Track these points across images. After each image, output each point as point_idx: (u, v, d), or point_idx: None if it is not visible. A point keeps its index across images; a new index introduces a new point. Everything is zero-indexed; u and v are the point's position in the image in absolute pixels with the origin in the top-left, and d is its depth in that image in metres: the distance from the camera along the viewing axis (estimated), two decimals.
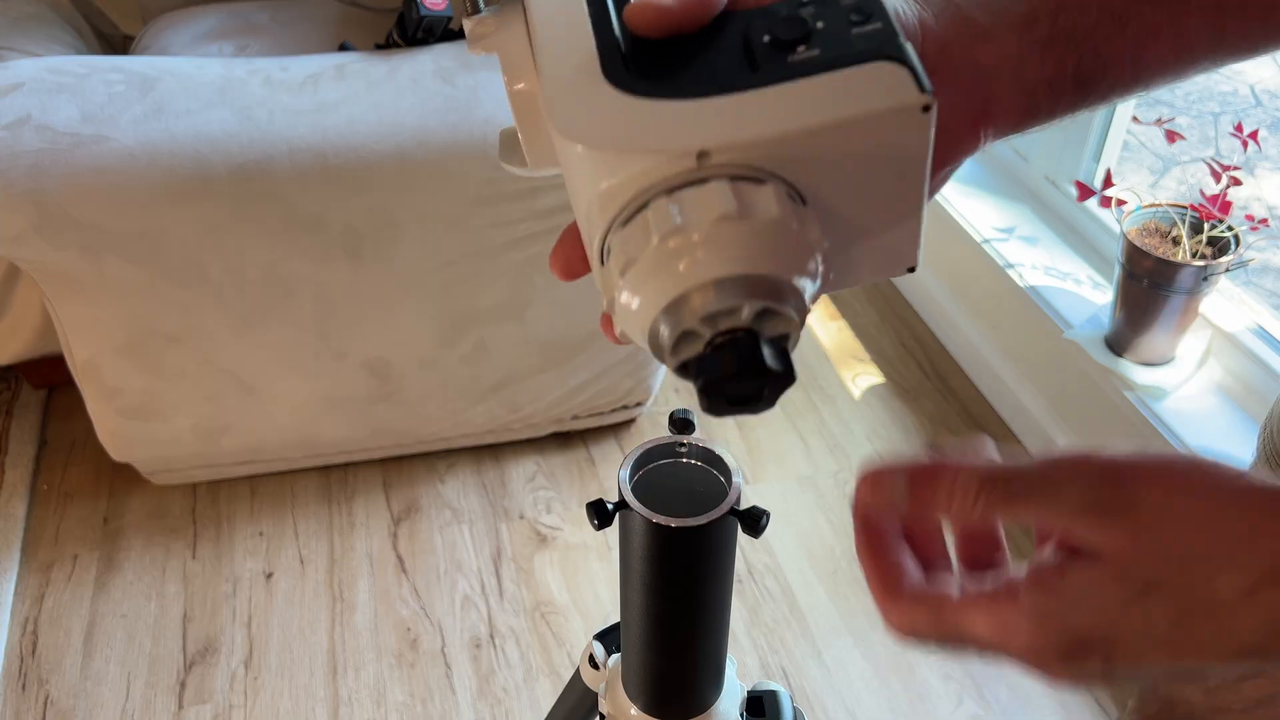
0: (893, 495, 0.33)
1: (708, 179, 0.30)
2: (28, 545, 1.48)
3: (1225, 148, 2.44)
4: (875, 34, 0.32)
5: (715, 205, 0.30)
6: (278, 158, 1.20)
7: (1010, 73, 0.37)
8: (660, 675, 0.52)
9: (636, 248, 0.31)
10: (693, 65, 0.32)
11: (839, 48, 0.31)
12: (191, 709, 1.28)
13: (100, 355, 1.33)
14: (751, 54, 0.32)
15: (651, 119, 0.31)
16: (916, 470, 0.33)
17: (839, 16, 0.32)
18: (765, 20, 0.32)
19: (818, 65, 0.31)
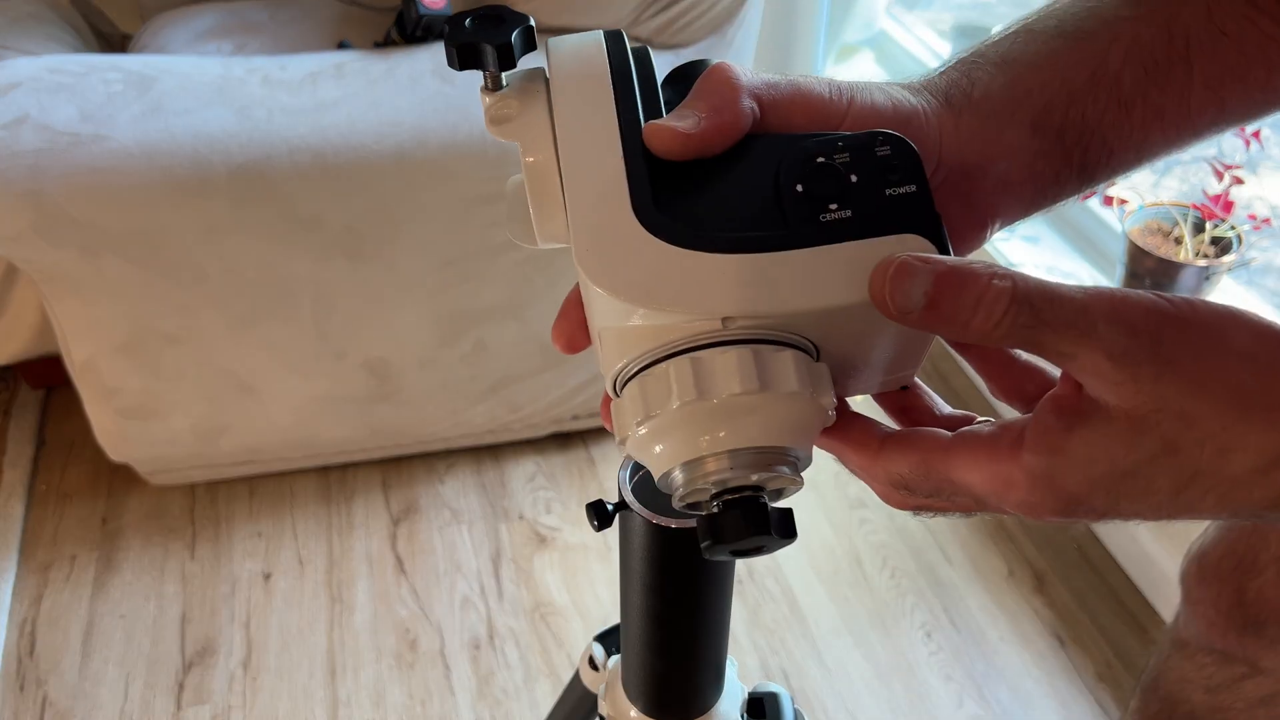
0: (911, 295, 0.29)
1: (731, 343, 0.31)
2: (26, 546, 1.48)
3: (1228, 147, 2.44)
4: (908, 200, 0.31)
5: (737, 378, 0.31)
6: (277, 157, 1.20)
7: (1022, 170, 0.37)
8: (660, 677, 0.52)
9: (657, 403, 0.31)
10: (722, 204, 0.32)
11: (871, 212, 0.31)
12: (190, 710, 1.28)
13: (99, 355, 1.32)
14: (782, 204, 0.32)
15: (680, 275, 0.31)
16: (944, 270, 0.29)
17: (875, 172, 0.32)
18: (799, 163, 0.32)
19: (848, 230, 0.31)
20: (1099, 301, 0.28)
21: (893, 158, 0.32)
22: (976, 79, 0.37)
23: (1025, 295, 0.28)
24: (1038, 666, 1.33)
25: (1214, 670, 0.75)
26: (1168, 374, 0.28)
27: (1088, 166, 0.38)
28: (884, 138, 0.32)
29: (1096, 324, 0.28)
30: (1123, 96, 0.37)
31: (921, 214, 0.31)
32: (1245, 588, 0.70)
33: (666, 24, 1.34)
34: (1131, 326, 0.28)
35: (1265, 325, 0.29)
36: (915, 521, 1.52)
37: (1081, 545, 1.48)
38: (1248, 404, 0.27)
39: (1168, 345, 0.28)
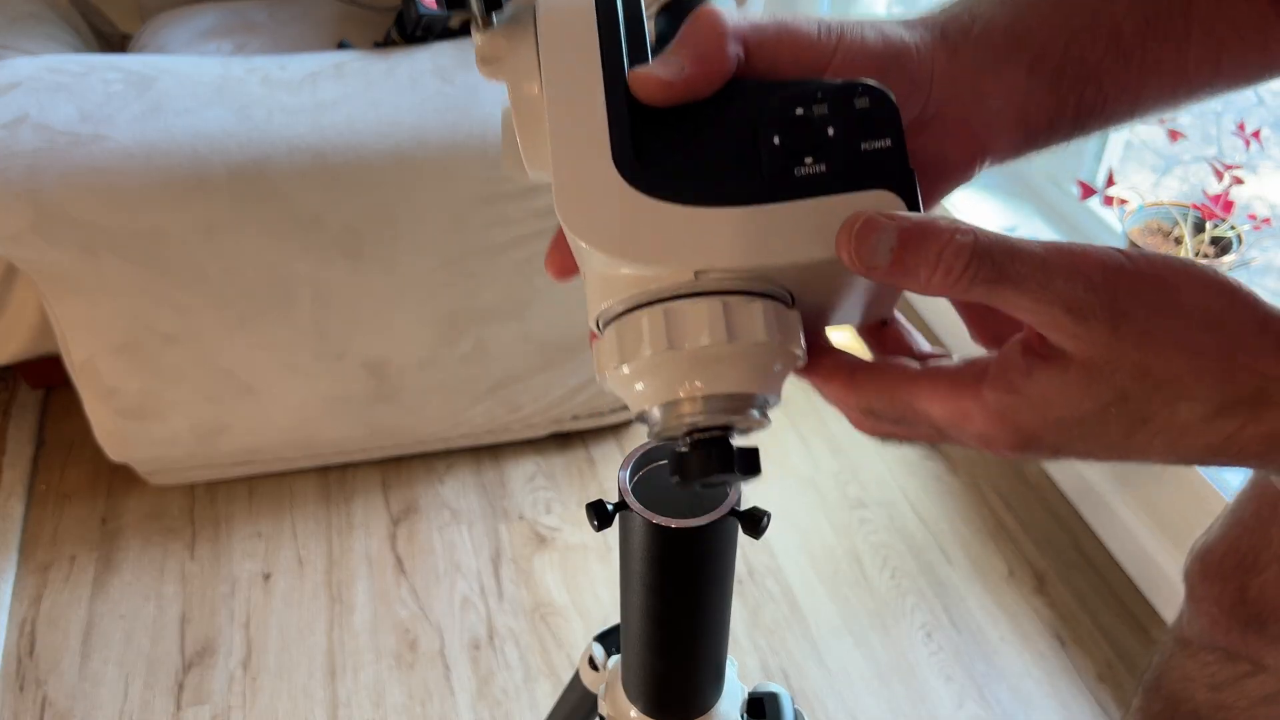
0: (876, 251, 0.30)
1: (702, 293, 0.32)
2: (25, 546, 1.48)
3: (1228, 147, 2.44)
4: (883, 154, 0.32)
5: (706, 330, 0.32)
6: (276, 157, 1.20)
7: (1015, 110, 0.37)
8: (660, 677, 0.52)
9: (631, 350, 0.33)
10: (701, 153, 0.33)
11: (845, 166, 0.32)
12: (190, 710, 1.28)
13: (98, 355, 1.32)
14: (759, 154, 0.32)
15: (657, 227, 0.32)
16: (908, 226, 0.30)
17: (852, 125, 0.32)
18: (777, 114, 0.32)
19: (822, 185, 0.32)
20: (1058, 256, 0.29)
21: (871, 109, 0.32)
22: (978, 14, 0.36)
23: (986, 250, 0.29)
24: (1038, 667, 1.33)
25: (1217, 668, 0.75)
26: (1123, 326, 0.29)
27: (1082, 113, 0.38)
28: (863, 89, 0.32)
29: (1055, 278, 0.29)
30: (1122, 45, 0.37)
31: (895, 169, 0.32)
32: (1248, 585, 0.70)
33: None
34: (1089, 280, 0.29)
35: (1217, 280, 0.30)
36: (916, 522, 1.52)
37: (1082, 545, 1.48)
38: (1197, 356, 0.29)
39: (1123, 299, 0.29)
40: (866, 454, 1.63)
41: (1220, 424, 0.29)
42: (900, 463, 1.62)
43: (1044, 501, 1.55)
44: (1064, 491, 1.56)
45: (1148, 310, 0.29)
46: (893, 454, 1.63)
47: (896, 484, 1.59)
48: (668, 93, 0.33)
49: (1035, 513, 1.54)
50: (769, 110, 0.32)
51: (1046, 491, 1.57)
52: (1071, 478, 1.54)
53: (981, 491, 1.57)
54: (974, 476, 1.59)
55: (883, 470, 1.61)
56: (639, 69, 0.33)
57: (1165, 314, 0.29)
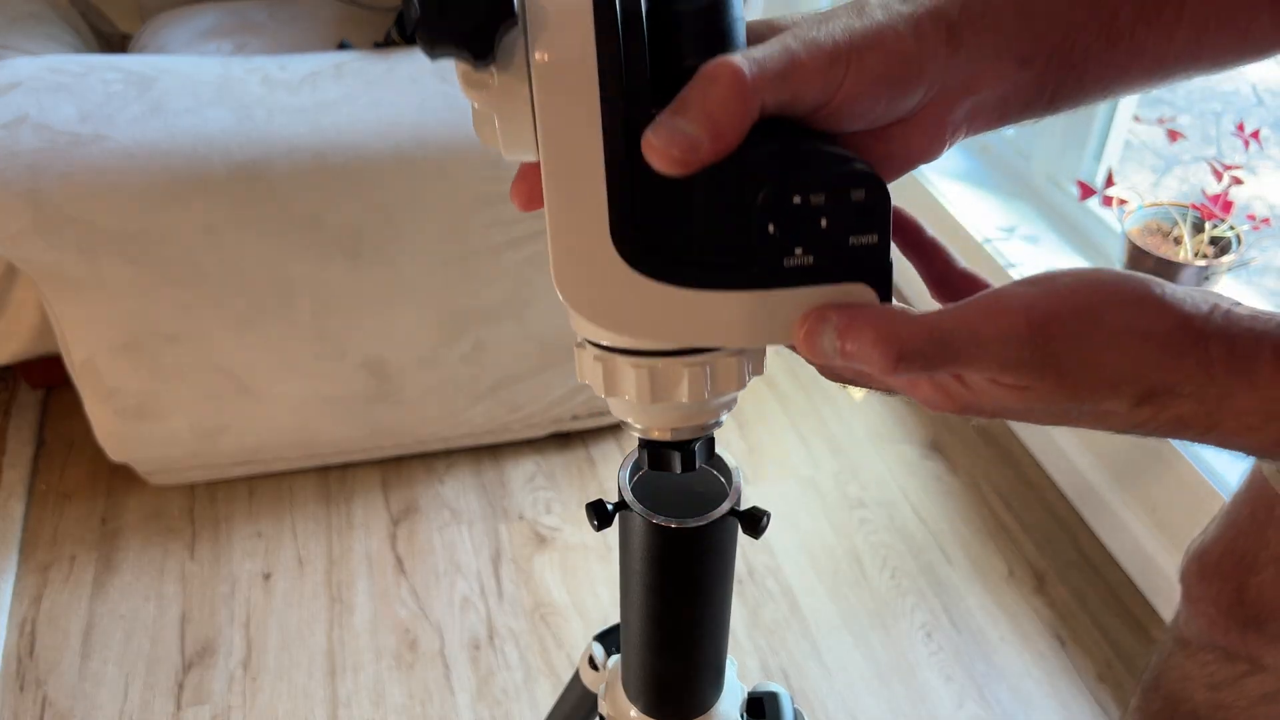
0: (824, 348, 0.34)
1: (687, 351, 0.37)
2: (25, 546, 1.48)
3: (1227, 147, 2.44)
4: (868, 249, 0.34)
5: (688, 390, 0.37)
6: (276, 157, 1.20)
7: (997, 99, 0.38)
8: (660, 676, 0.52)
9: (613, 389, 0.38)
10: (697, 230, 0.34)
11: (831, 259, 0.34)
12: (190, 710, 1.28)
13: (98, 355, 1.32)
14: (753, 239, 0.33)
15: (652, 305, 0.34)
16: (843, 326, 0.34)
17: (846, 217, 0.33)
18: (776, 202, 0.33)
19: (806, 277, 0.34)
20: (985, 323, 0.32)
21: (866, 202, 0.33)
22: (992, 4, 0.36)
23: (916, 350, 0.33)
24: (1038, 666, 1.33)
25: (1216, 668, 0.75)
26: (1061, 366, 0.32)
27: (1057, 98, 0.39)
28: (861, 179, 0.33)
29: (989, 346, 0.32)
30: (1113, 31, 0.37)
31: (876, 265, 0.34)
32: (1246, 585, 0.70)
33: None
34: (1019, 338, 0.32)
35: (1137, 292, 0.33)
36: (916, 522, 1.52)
37: (1082, 545, 1.48)
38: (1120, 369, 0.32)
39: (1055, 344, 0.32)
40: (866, 454, 1.63)
41: (1139, 412, 0.33)
42: (900, 463, 1.62)
43: (1044, 501, 1.56)
44: (1064, 491, 1.56)
45: (1079, 344, 0.32)
46: (893, 454, 1.63)
47: (896, 484, 1.59)
48: (682, 169, 0.32)
49: (1035, 513, 1.54)
50: (769, 195, 0.33)
51: (1046, 491, 1.57)
52: (1071, 478, 1.54)
53: (981, 491, 1.57)
54: (974, 476, 1.60)
55: (883, 470, 1.61)
56: (652, 137, 0.32)
57: (1096, 345, 0.32)
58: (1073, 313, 0.32)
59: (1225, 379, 0.32)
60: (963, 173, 1.81)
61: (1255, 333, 0.32)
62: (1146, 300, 0.32)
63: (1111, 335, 0.32)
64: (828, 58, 0.34)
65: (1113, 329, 0.32)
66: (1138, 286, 0.33)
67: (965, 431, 1.67)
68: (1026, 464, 1.61)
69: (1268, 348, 0.32)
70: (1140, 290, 0.33)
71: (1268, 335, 0.32)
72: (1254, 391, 0.32)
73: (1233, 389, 0.32)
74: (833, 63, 0.34)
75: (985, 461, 1.62)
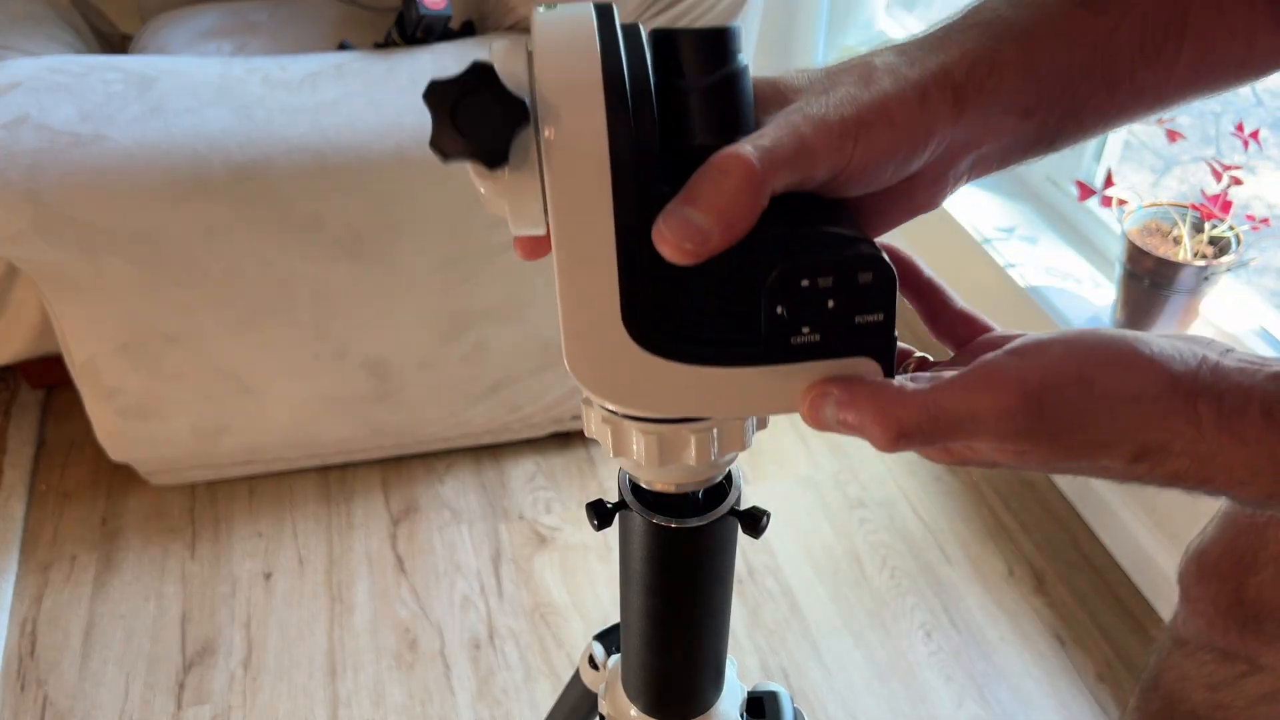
0: (825, 418, 0.35)
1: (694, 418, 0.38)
2: (26, 545, 1.48)
3: (1226, 147, 2.44)
4: (873, 327, 0.34)
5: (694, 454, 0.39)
6: (276, 157, 1.20)
7: (999, 150, 0.38)
8: (660, 676, 0.52)
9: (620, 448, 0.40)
10: (706, 310, 0.34)
11: (837, 336, 0.34)
12: (190, 710, 1.28)
13: (99, 355, 1.32)
14: (761, 319, 0.34)
15: (661, 381, 0.35)
16: (844, 400, 0.35)
17: (852, 297, 0.34)
18: (784, 285, 0.33)
19: (812, 353, 0.35)
20: (981, 397, 0.33)
21: (873, 283, 0.34)
22: (998, 64, 0.36)
23: (914, 427, 0.34)
24: (1038, 666, 1.33)
25: (1214, 668, 0.75)
26: (1057, 431, 0.33)
27: (1059, 140, 0.39)
28: (868, 263, 0.34)
29: (986, 420, 0.33)
30: (1114, 76, 0.38)
31: (881, 340, 0.35)
32: (1245, 585, 0.71)
33: (667, 24, 1.33)
34: (1014, 410, 0.33)
35: (1128, 354, 0.33)
36: (915, 521, 1.53)
37: (1081, 545, 1.49)
38: (1115, 429, 0.33)
39: (1049, 413, 0.33)
40: (866, 454, 1.63)
41: (1134, 468, 0.34)
42: (900, 463, 1.62)
43: (1043, 501, 1.56)
44: (1063, 491, 1.56)
45: (1072, 412, 0.33)
46: (893, 454, 1.63)
47: (896, 484, 1.59)
48: (693, 260, 0.33)
49: (1035, 513, 1.54)
50: (777, 279, 0.33)
51: (1046, 491, 1.57)
52: (1071, 478, 1.54)
53: (981, 491, 1.57)
54: (974, 476, 1.60)
55: (883, 470, 1.61)
56: (664, 228, 0.32)
57: (1088, 412, 0.33)
58: (1065, 382, 0.33)
59: (1214, 436, 0.33)
60: None
61: (1243, 388, 0.33)
62: (1135, 362, 0.33)
63: (1103, 401, 0.33)
64: (837, 138, 0.34)
65: (1104, 395, 0.33)
66: (1126, 349, 0.33)
67: None
68: None
69: (1255, 404, 0.32)
70: (1128, 352, 0.33)
71: (1255, 391, 0.33)
72: (1242, 448, 0.32)
73: (1221, 446, 0.33)
74: (841, 142, 0.34)
75: None
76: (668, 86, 0.34)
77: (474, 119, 0.32)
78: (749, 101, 0.35)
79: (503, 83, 0.32)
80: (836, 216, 0.35)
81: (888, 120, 0.35)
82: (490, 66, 0.32)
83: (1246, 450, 0.32)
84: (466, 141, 0.32)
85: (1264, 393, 0.33)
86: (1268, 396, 0.32)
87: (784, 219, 0.34)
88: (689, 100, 0.34)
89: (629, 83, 0.32)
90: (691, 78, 0.34)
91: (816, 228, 0.34)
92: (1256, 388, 0.33)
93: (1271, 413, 0.32)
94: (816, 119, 0.34)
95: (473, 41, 1.35)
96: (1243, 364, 0.33)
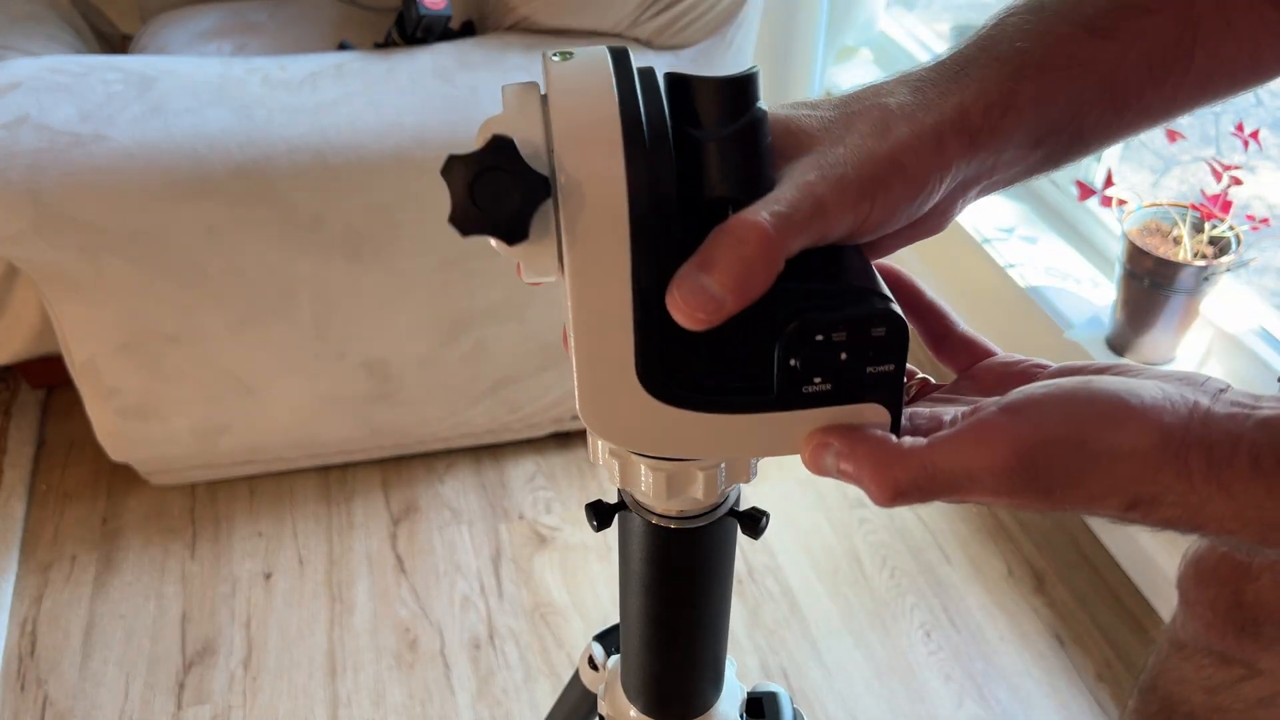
0: (826, 466, 0.36)
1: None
2: (26, 545, 1.48)
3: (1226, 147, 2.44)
4: (884, 377, 0.35)
5: (702, 490, 0.40)
6: (276, 157, 1.20)
7: (1006, 177, 0.39)
8: (660, 677, 0.52)
9: (630, 481, 0.40)
10: (721, 363, 0.35)
11: (848, 385, 0.35)
12: (190, 710, 1.28)
13: (99, 355, 1.32)
14: (774, 371, 0.34)
15: (673, 428, 0.35)
16: (844, 453, 0.35)
17: (864, 349, 0.34)
18: (798, 340, 0.34)
19: (823, 400, 0.35)
20: (976, 455, 0.34)
21: (886, 338, 0.34)
22: (1013, 104, 0.36)
23: (911, 484, 0.34)
24: (1037, 666, 1.33)
25: (1212, 671, 0.75)
26: (1053, 490, 0.34)
27: (1061, 163, 0.39)
28: (882, 317, 0.34)
29: (981, 478, 0.34)
30: (1123, 100, 0.38)
31: (890, 388, 0.35)
32: (1243, 590, 0.71)
33: (666, 24, 1.34)
34: (1008, 468, 0.33)
35: (1121, 410, 0.33)
36: (915, 521, 1.53)
37: (1081, 545, 1.49)
38: (1107, 483, 0.33)
39: (1042, 471, 0.33)
40: None
41: (1127, 516, 0.35)
42: None
43: None
44: None
45: (1065, 469, 0.33)
46: None
47: None
48: (706, 326, 0.33)
49: (1035, 513, 1.54)
50: (791, 334, 0.34)
51: None
52: None
53: None
54: None
55: None
56: (678, 294, 0.33)
57: (1081, 469, 0.33)
58: (1058, 441, 0.33)
59: (1204, 487, 0.33)
60: None
61: (1232, 436, 0.33)
62: (1127, 416, 0.33)
63: (1095, 459, 0.33)
64: (854, 199, 0.34)
65: (1096, 453, 0.33)
66: (1118, 403, 0.34)
67: None
68: None
69: (1243, 454, 0.33)
70: (1120, 406, 0.34)
71: (1244, 440, 0.33)
72: (1230, 500, 0.33)
73: (1211, 496, 0.33)
74: (859, 202, 0.34)
75: None
76: (683, 134, 0.33)
77: (494, 197, 0.31)
78: (768, 150, 0.34)
79: (523, 158, 0.31)
80: (847, 260, 0.36)
81: (904, 175, 0.35)
82: (510, 143, 0.31)
83: (1233, 503, 0.33)
84: (487, 220, 0.32)
85: (1252, 442, 0.33)
86: (1255, 445, 0.33)
87: (797, 269, 0.34)
88: (706, 150, 0.33)
89: (649, 142, 0.32)
90: (709, 128, 0.33)
91: (831, 280, 0.35)
92: (1245, 436, 0.33)
93: (1259, 462, 0.32)
94: (833, 180, 0.34)
95: (472, 42, 1.35)
96: (1234, 409, 0.34)
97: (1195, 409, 0.33)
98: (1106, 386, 0.34)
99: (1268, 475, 0.32)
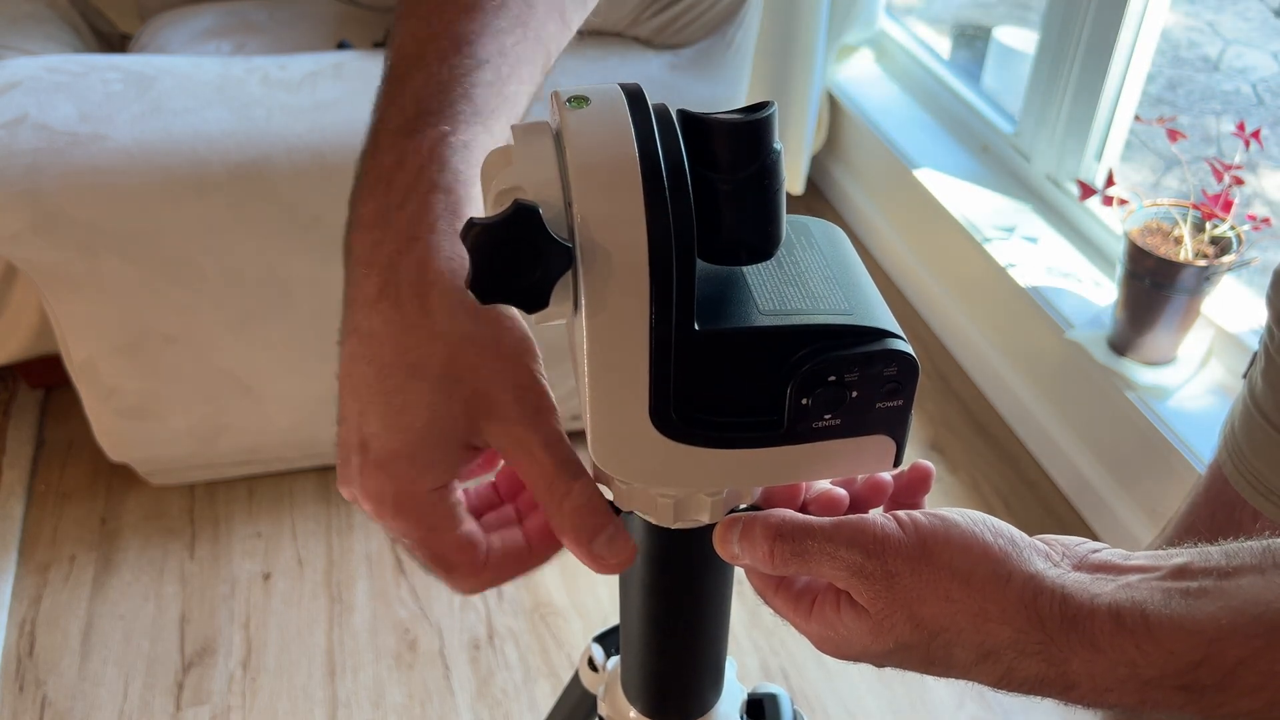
0: (729, 544, 0.40)
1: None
2: (25, 546, 1.48)
3: (1227, 147, 2.44)
4: (892, 412, 0.36)
5: (708, 514, 0.40)
6: (276, 156, 1.20)
7: None
8: (659, 677, 0.52)
9: (641, 505, 0.40)
10: (733, 401, 0.35)
11: (857, 419, 0.36)
12: (189, 710, 1.28)
13: (98, 355, 1.32)
14: (785, 408, 0.35)
15: (684, 463, 0.36)
16: (726, 522, 0.40)
17: (875, 387, 0.35)
18: (812, 380, 0.34)
19: (832, 434, 0.36)
20: (842, 530, 0.37)
21: (897, 376, 0.35)
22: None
23: (788, 533, 0.38)
24: None
25: None
26: (895, 585, 0.36)
27: None
28: (895, 358, 0.34)
29: (840, 548, 0.37)
30: None
31: (897, 421, 0.36)
32: None
33: (666, 24, 1.34)
34: (865, 549, 0.36)
35: (967, 540, 0.36)
36: None
37: None
38: (952, 605, 0.35)
39: (891, 562, 0.36)
40: None
41: (989, 666, 0.36)
42: None
43: (1044, 501, 1.55)
44: (1064, 491, 1.56)
45: (913, 569, 0.36)
46: None
47: None
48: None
49: (1035, 513, 1.54)
50: (805, 375, 0.34)
51: (1046, 491, 1.57)
52: (1071, 477, 1.54)
53: (981, 492, 1.57)
54: (974, 476, 1.59)
55: None
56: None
57: (925, 573, 0.35)
58: (912, 544, 0.36)
59: (1063, 638, 0.33)
60: (963, 173, 1.81)
61: (1090, 592, 0.34)
62: (976, 545, 0.36)
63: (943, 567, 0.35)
64: None
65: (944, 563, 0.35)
66: (972, 533, 0.36)
67: (965, 431, 1.67)
68: (1026, 464, 1.61)
69: (1103, 609, 0.33)
70: (972, 537, 0.36)
71: (1102, 596, 0.33)
72: (1097, 654, 0.33)
73: (1073, 648, 0.33)
74: None
75: (985, 461, 1.62)
76: (700, 177, 0.33)
77: (518, 270, 0.31)
78: (782, 192, 0.34)
79: (547, 227, 0.31)
80: (857, 282, 0.36)
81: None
82: (535, 212, 0.31)
83: (1102, 658, 0.33)
84: (509, 291, 0.32)
85: (1113, 598, 0.33)
86: (1116, 603, 0.33)
87: (808, 292, 0.35)
88: (721, 194, 0.33)
89: (669, 199, 0.31)
90: (725, 171, 0.32)
91: (841, 313, 0.35)
92: (1104, 594, 0.33)
93: (1121, 618, 0.33)
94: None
95: None
96: (1092, 577, 0.34)
97: (1049, 557, 0.35)
98: (980, 534, 0.36)
99: (1134, 632, 0.32)
